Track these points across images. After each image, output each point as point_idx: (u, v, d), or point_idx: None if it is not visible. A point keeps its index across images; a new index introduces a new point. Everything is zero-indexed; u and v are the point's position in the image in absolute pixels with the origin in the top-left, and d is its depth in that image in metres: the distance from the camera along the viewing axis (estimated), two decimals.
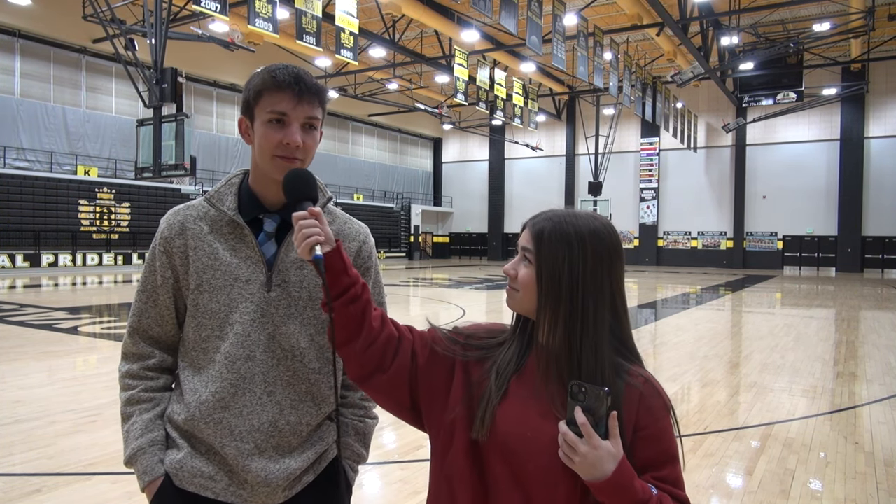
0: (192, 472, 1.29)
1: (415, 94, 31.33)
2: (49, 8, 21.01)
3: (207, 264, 1.31)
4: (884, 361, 7.47)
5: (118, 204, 23.91)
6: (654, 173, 33.62)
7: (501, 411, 1.07)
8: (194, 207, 1.36)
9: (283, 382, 1.31)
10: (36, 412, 4.82)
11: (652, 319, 11.64)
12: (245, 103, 1.32)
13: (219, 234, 1.33)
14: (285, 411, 1.30)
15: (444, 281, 20.59)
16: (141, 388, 1.36)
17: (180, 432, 1.33)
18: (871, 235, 28.92)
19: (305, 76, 1.29)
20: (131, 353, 1.38)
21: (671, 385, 6.08)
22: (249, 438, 1.28)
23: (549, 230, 1.08)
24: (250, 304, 1.30)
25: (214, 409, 1.28)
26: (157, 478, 1.31)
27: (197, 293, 1.31)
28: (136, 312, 1.37)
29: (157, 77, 14.22)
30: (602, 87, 21.13)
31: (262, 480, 1.28)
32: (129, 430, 1.33)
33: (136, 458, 1.31)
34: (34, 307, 11.60)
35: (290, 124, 1.27)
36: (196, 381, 1.31)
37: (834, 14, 21.84)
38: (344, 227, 1.42)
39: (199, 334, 1.32)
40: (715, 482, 3.61)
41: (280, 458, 1.30)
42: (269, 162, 1.28)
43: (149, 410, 1.35)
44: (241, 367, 1.29)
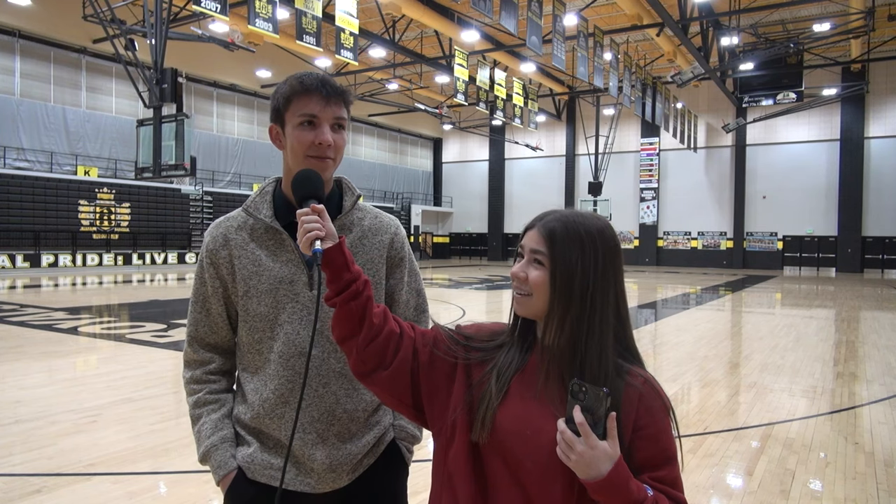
0: (262, 464, 1.39)
1: (415, 94, 31.33)
2: (49, 8, 21.02)
3: (252, 271, 1.39)
4: (884, 361, 7.47)
5: (118, 204, 23.92)
6: (654, 173, 33.62)
7: (501, 412, 1.08)
8: (234, 219, 1.45)
9: (336, 374, 1.40)
10: (36, 412, 4.82)
11: (652, 319, 11.63)
12: (275, 111, 1.39)
13: (259, 241, 1.41)
14: (341, 400, 1.40)
15: (444, 281, 20.60)
16: (206, 391, 1.45)
17: (248, 430, 1.42)
18: (871, 235, 28.92)
19: (331, 80, 1.38)
20: (193, 360, 1.47)
21: (671, 385, 6.08)
22: (311, 429, 1.37)
23: (560, 231, 1.07)
24: (296, 303, 1.39)
25: (276, 405, 1.37)
26: (231, 471, 1.40)
27: (246, 299, 1.40)
28: (192, 322, 1.47)
29: (157, 77, 14.22)
30: (602, 87, 21.13)
31: (328, 467, 1.37)
32: (200, 430, 1.43)
33: (209, 454, 1.40)
34: (34, 307, 11.60)
35: (321, 125, 1.35)
36: (256, 381, 1.41)
37: (834, 14, 21.84)
38: (375, 221, 1.50)
39: (252, 337, 1.41)
40: (715, 482, 3.61)
41: (342, 445, 1.39)
42: (302, 163, 1.36)
43: (216, 411, 1.44)
44: (296, 363, 1.38)
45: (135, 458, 3.87)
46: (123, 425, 4.52)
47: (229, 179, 28.65)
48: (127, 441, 4.17)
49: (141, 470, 3.68)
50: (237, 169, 28.99)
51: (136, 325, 9.62)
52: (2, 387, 5.63)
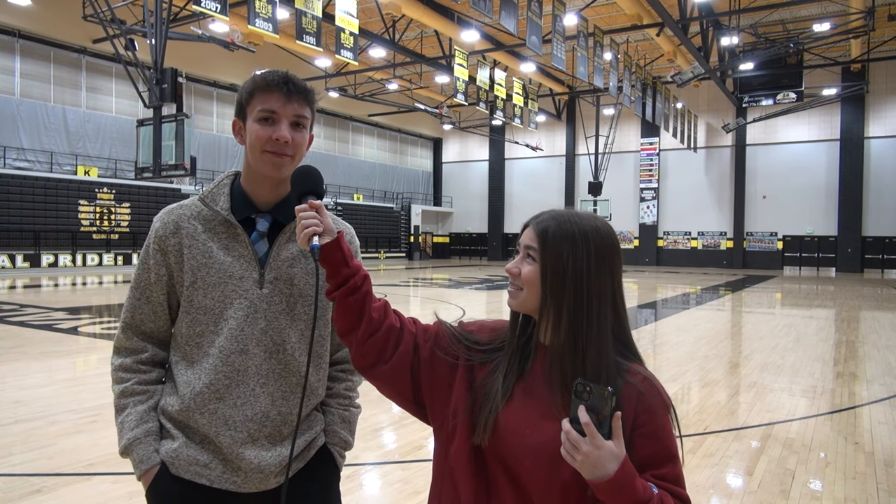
0: (187, 460, 1.35)
1: (415, 94, 31.32)
2: (49, 8, 21.01)
3: (202, 262, 1.36)
4: (884, 361, 7.47)
5: (118, 204, 23.91)
6: (654, 173, 33.62)
7: (503, 413, 1.08)
8: (188, 207, 1.41)
9: (275, 375, 1.37)
10: (36, 412, 4.82)
11: (652, 319, 11.63)
12: (238, 105, 1.40)
13: (213, 233, 1.38)
14: (277, 402, 1.37)
15: (444, 281, 20.59)
16: (134, 380, 1.40)
17: (174, 423, 1.38)
18: (871, 235, 28.92)
19: (294, 78, 1.37)
20: (124, 348, 1.42)
21: (671, 385, 6.08)
22: (243, 428, 1.34)
23: (553, 228, 1.09)
24: (244, 300, 1.36)
25: (209, 399, 1.34)
26: (153, 466, 1.36)
27: (191, 290, 1.36)
28: (130, 308, 1.42)
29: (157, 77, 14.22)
30: (602, 87, 21.13)
31: (256, 467, 1.34)
32: (124, 422, 1.38)
33: (131, 447, 1.36)
34: (34, 307, 11.60)
35: (280, 121, 1.34)
36: (190, 373, 1.37)
37: (834, 14, 21.84)
38: None
39: (193, 329, 1.37)
40: (715, 482, 3.61)
41: (272, 447, 1.37)
42: (259, 157, 1.35)
43: (143, 402, 1.39)
44: (235, 360, 1.35)
45: None
46: None
47: None
48: None
49: None
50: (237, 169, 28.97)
51: None
52: (2, 387, 5.62)
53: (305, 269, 1.42)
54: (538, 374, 1.10)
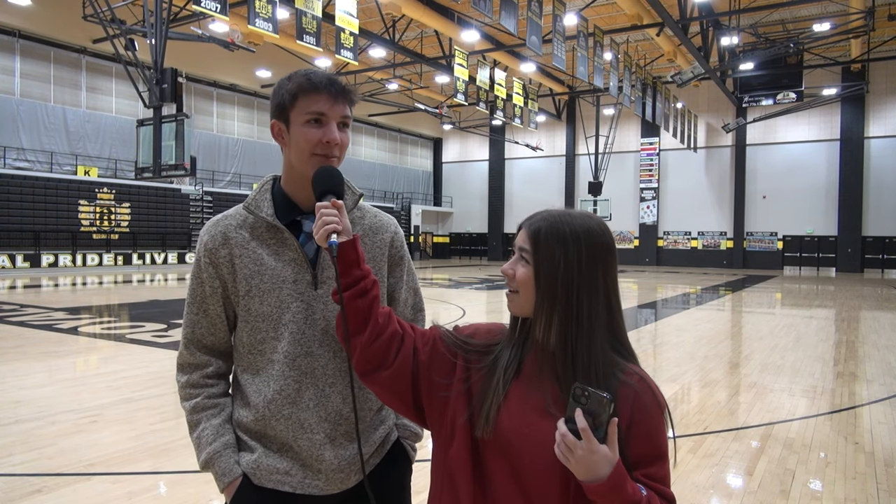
0: (268, 469, 1.36)
1: (415, 94, 31.32)
2: (49, 8, 21.00)
3: (254, 270, 1.36)
4: (884, 361, 7.47)
5: (118, 204, 23.91)
6: (654, 173, 33.62)
7: (502, 409, 1.09)
8: (233, 217, 1.42)
9: (342, 373, 1.39)
10: (36, 412, 4.82)
11: (652, 319, 11.63)
12: (279, 107, 1.36)
13: (260, 239, 1.38)
14: (348, 400, 1.38)
15: (444, 281, 20.59)
16: (204, 395, 1.41)
17: (251, 434, 1.40)
18: (871, 235, 28.92)
19: (338, 78, 1.37)
20: (188, 364, 1.43)
21: (671, 385, 6.08)
22: (319, 429, 1.36)
23: (545, 229, 1.09)
24: (301, 303, 1.37)
25: (283, 405, 1.35)
26: (235, 478, 1.37)
27: (248, 299, 1.37)
28: (189, 324, 1.42)
29: (157, 77, 14.22)
30: (602, 87, 21.12)
31: (336, 467, 1.36)
32: (201, 437, 1.39)
33: (212, 461, 1.37)
34: (34, 307, 11.60)
35: (329, 123, 1.34)
36: (258, 382, 1.38)
37: (834, 14, 21.83)
38: (375, 219, 1.50)
39: (254, 337, 1.38)
40: (715, 482, 3.61)
41: (350, 444, 1.39)
42: (307, 160, 1.34)
43: (216, 416, 1.41)
44: (302, 363, 1.36)
45: (135, 458, 3.87)
46: (123, 425, 4.52)
47: (229, 179, 28.66)
48: (127, 441, 4.17)
49: (141, 470, 3.68)
50: (237, 169, 29.00)
51: (136, 325, 9.62)
52: (2, 387, 5.62)
53: None
54: (534, 372, 1.11)
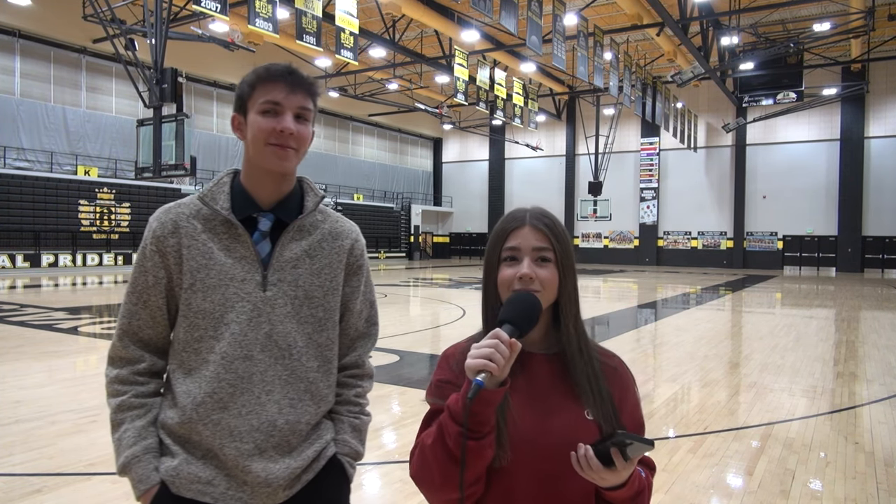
0: (188, 478, 1.28)
1: (415, 94, 31.32)
2: (49, 8, 21.01)
3: (202, 263, 1.30)
4: (884, 361, 7.47)
5: (118, 204, 23.91)
6: (654, 173, 33.62)
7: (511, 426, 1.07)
8: (186, 206, 1.35)
9: (282, 381, 1.31)
10: (36, 412, 4.82)
11: (652, 319, 11.63)
12: (238, 99, 1.35)
13: (213, 233, 1.32)
14: (284, 410, 1.31)
15: (444, 281, 20.59)
16: (131, 393, 1.33)
17: (174, 438, 1.31)
18: (871, 235, 28.92)
19: (297, 70, 1.33)
20: (120, 358, 1.36)
21: (671, 385, 6.08)
22: (249, 438, 1.27)
23: (557, 226, 1.14)
24: (246, 303, 1.30)
25: (212, 409, 1.27)
26: (152, 486, 1.29)
27: (190, 293, 1.30)
28: (127, 314, 1.35)
29: (157, 77, 14.22)
30: (602, 87, 21.12)
31: (263, 481, 1.27)
32: (122, 438, 1.31)
33: (129, 466, 1.29)
34: (34, 307, 11.60)
35: (284, 113, 1.29)
36: (189, 382, 1.30)
37: (834, 14, 21.83)
38: (336, 224, 1.43)
39: (191, 334, 1.30)
40: (715, 482, 3.61)
41: (280, 458, 1.30)
42: (262, 150, 1.30)
43: (141, 417, 1.32)
44: (239, 366, 1.28)
45: None
46: None
47: None
48: None
49: None
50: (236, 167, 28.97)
51: None
52: (2, 387, 5.62)
53: (310, 269, 1.36)
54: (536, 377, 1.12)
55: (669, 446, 4.21)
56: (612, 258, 34.98)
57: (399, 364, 6.82)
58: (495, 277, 1.14)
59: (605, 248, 35.52)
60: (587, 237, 36.11)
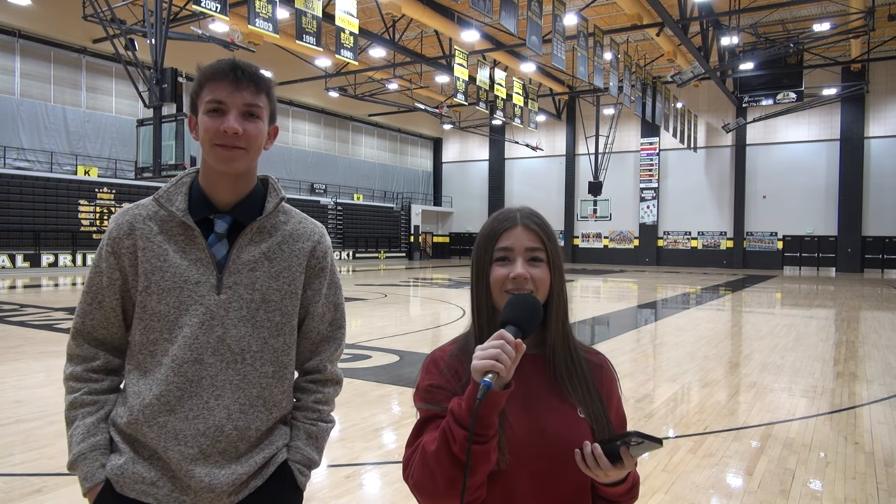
0: (133, 477, 1.26)
1: (415, 94, 31.32)
2: (49, 8, 21.01)
3: (156, 265, 1.28)
4: (884, 361, 7.47)
5: (118, 204, 23.88)
6: (654, 173, 33.62)
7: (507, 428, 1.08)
8: (144, 207, 1.33)
9: (233, 386, 1.29)
10: (36, 412, 4.82)
11: (652, 319, 11.64)
12: (190, 99, 1.33)
13: (168, 234, 1.30)
14: (233, 416, 1.28)
15: (444, 281, 20.59)
16: (84, 390, 1.33)
17: (123, 436, 1.30)
18: (871, 235, 28.92)
19: (244, 64, 1.28)
20: (75, 355, 1.36)
21: (671, 385, 6.08)
22: (194, 443, 1.25)
23: (547, 226, 1.15)
24: (200, 306, 1.27)
25: (159, 412, 1.26)
26: (97, 484, 1.28)
27: (145, 295, 1.28)
28: (81, 314, 1.34)
29: (157, 77, 14.23)
30: (602, 87, 21.13)
31: (206, 486, 1.25)
32: (73, 435, 1.32)
33: (77, 463, 1.29)
34: (34, 307, 11.60)
35: (228, 112, 1.26)
36: (141, 384, 1.29)
37: (834, 14, 21.83)
38: (298, 226, 1.39)
39: (146, 337, 1.29)
40: (715, 482, 3.61)
41: (226, 464, 1.27)
42: (209, 152, 1.28)
43: (91, 414, 1.32)
44: (188, 370, 1.26)
45: None
46: None
47: None
48: None
49: None
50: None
51: None
52: (2, 387, 5.62)
53: (269, 272, 1.32)
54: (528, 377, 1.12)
55: (669, 446, 4.21)
56: (612, 258, 34.98)
57: (399, 364, 6.82)
58: (487, 277, 1.13)
59: (605, 248, 35.52)
60: (587, 237, 36.11)
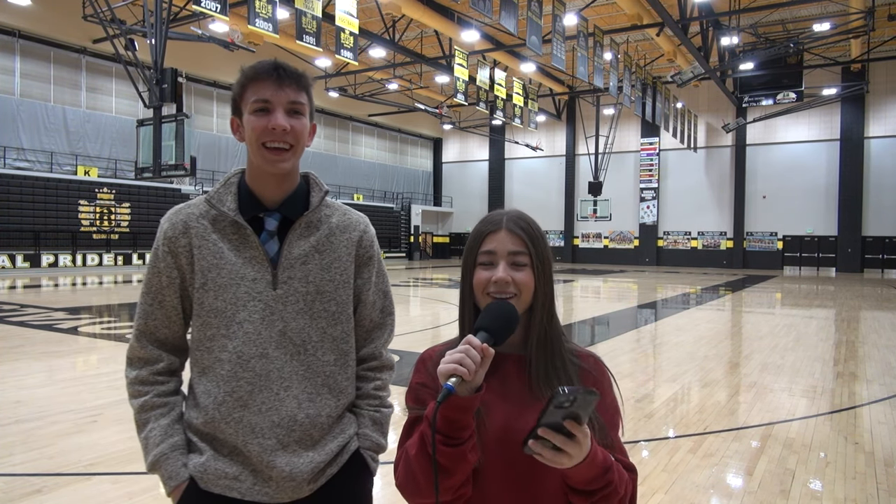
0: (216, 473, 1.31)
1: (415, 94, 31.32)
2: (49, 8, 21.01)
3: (212, 263, 1.32)
4: (884, 361, 7.47)
5: (118, 204, 23.91)
6: (654, 173, 33.62)
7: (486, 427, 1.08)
8: (195, 206, 1.37)
9: (299, 377, 1.34)
10: (36, 412, 4.82)
11: (652, 319, 11.64)
12: (233, 102, 1.36)
13: (222, 233, 1.34)
14: (303, 405, 1.33)
15: (444, 281, 20.59)
16: (153, 393, 1.35)
17: (200, 435, 1.34)
18: (871, 235, 28.92)
19: (284, 64, 1.33)
20: (138, 358, 1.37)
21: (671, 385, 6.09)
22: (271, 434, 1.30)
23: (533, 230, 1.14)
24: (258, 302, 1.32)
25: (233, 408, 1.30)
26: (182, 482, 1.31)
27: (202, 292, 1.32)
28: (143, 315, 1.36)
29: (157, 77, 14.22)
30: (602, 87, 21.12)
31: (287, 475, 1.30)
32: (148, 437, 1.33)
33: (159, 464, 1.31)
34: (34, 307, 11.60)
35: (274, 110, 1.30)
36: (206, 382, 1.33)
37: (834, 14, 21.83)
38: (343, 218, 1.45)
39: (203, 333, 1.33)
40: (715, 482, 3.61)
41: (304, 452, 1.32)
42: (257, 153, 1.32)
43: (165, 416, 1.35)
44: (256, 365, 1.31)
45: (135, 458, 3.86)
46: (123, 425, 4.51)
47: None
48: (127, 441, 4.16)
49: (141, 470, 3.67)
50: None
51: None
52: (2, 387, 5.62)
53: (320, 264, 1.37)
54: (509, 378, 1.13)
55: (669, 446, 4.22)
56: (612, 258, 34.98)
57: (399, 364, 6.82)
58: (471, 280, 1.14)
59: (605, 248, 35.52)
60: (587, 237, 36.11)
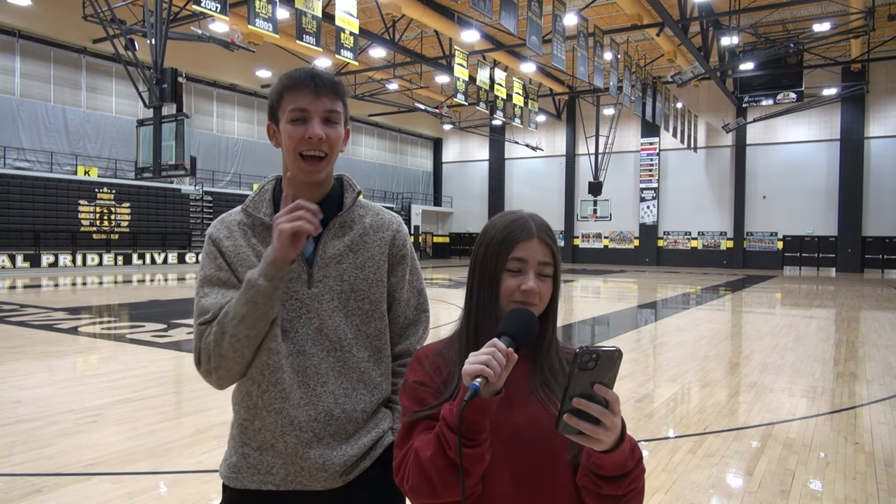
0: (249, 471, 1.37)
1: (415, 94, 31.32)
2: (49, 8, 21.01)
3: (253, 264, 1.36)
4: (884, 361, 7.47)
5: (118, 204, 23.91)
6: (654, 173, 33.61)
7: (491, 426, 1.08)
8: (236, 214, 1.45)
9: (335, 373, 1.38)
10: (36, 412, 4.82)
11: (652, 319, 11.64)
12: (270, 108, 1.40)
13: (261, 238, 1.40)
14: (339, 400, 1.38)
15: (444, 281, 20.59)
16: None
17: (240, 429, 1.40)
18: (871, 235, 28.91)
19: (321, 72, 1.37)
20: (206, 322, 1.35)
21: (671, 385, 6.08)
22: (308, 428, 1.35)
23: (556, 239, 1.17)
24: (295, 301, 1.37)
25: (275, 399, 1.35)
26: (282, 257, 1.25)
27: None
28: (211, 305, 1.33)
29: (157, 77, 14.22)
30: (602, 87, 21.12)
31: (321, 466, 1.35)
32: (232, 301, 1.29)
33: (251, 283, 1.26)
34: (34, 307, 11.60)
35: (311, 119, 1.33)
36: (252, 370, 1.37)
37: (834, 14, 21.83)
38: (377, 218, 1.49)
39: None
40: (715, 482, 3.61)
41: (338, 445, 1.37)
42: (294, 160, 1.35)
43: None
44: (294, 360, 1.36)
45: (135, 458, 3.87)
46: (123, 425, 4.52)
47: (229, 179, 28.66)
48: (127, 441, 4.17)
49: (141, 470, 3.68)
50: (237, 169, 29.00)
51: (136, 325, 9.62)
52: (2, 387, 5.62)
53: (354, 262, 1.41)
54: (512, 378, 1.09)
55: (669, 446, 4.22)
56: (612, 258, 34.98)
57: None
58: (497, 285, 1.12)
59: (605, 248, 35.52)
60: (587, 237, 36.11)
